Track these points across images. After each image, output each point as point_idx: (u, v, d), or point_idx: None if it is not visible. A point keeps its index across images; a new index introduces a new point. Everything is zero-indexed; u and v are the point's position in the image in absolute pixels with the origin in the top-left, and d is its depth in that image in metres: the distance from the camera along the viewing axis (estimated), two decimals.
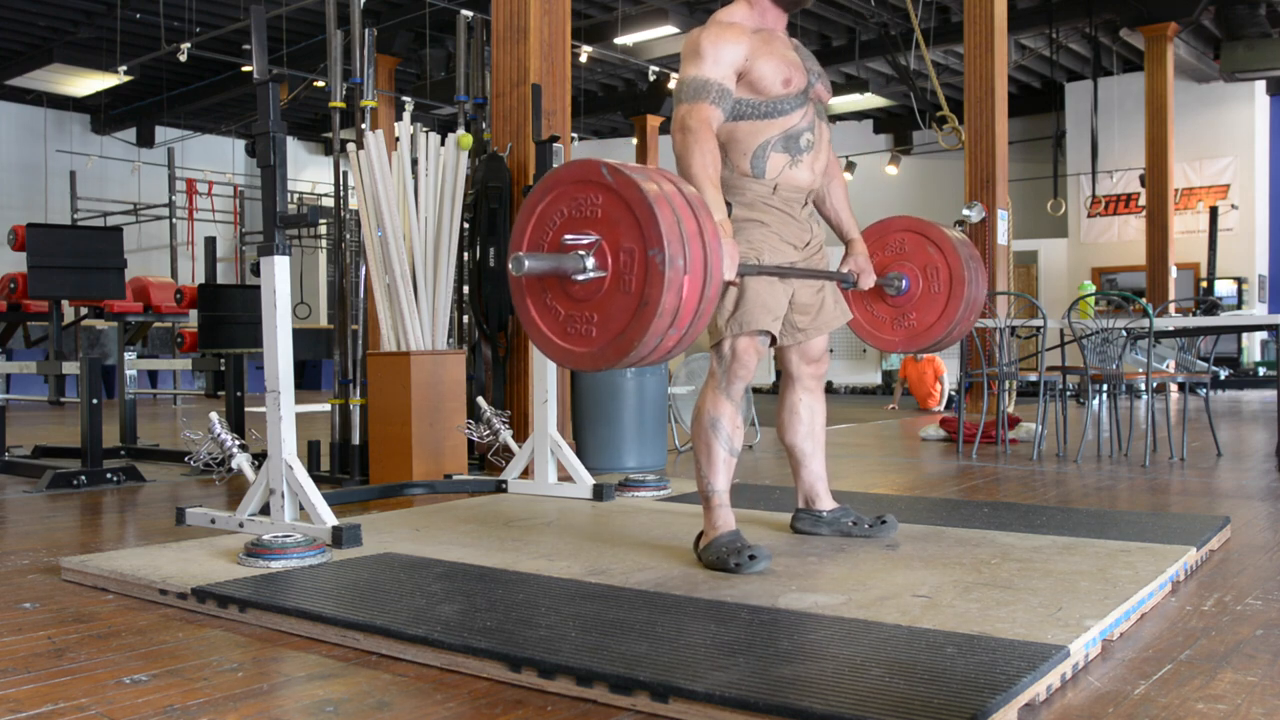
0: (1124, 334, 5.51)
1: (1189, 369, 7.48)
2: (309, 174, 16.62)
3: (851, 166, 14.52)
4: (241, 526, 2.91)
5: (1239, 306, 12.47)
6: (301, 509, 2.84)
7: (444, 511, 3.37)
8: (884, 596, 2.15)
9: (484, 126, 4.94)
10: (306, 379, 13.53)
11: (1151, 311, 4.96)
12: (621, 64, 12.95)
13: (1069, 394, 6.58)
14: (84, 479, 4.31)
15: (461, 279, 4.65)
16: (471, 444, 4.29)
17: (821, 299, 2.74)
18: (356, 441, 4.33)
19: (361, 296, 4.51)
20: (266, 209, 2.85)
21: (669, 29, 11.09)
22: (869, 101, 14.27)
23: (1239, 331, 10.40)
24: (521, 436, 4.23)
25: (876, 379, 12.73)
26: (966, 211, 8.07)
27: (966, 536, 2.81)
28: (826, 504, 2.86)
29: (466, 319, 4.76)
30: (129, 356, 5.83)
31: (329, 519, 2.77)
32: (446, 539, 2.86)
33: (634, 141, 15.35)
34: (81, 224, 13.35)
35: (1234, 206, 13.14)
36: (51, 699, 1.67)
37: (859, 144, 15.75)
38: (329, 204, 13.17)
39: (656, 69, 12.29)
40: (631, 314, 2.00)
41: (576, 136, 15.06)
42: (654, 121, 15.01)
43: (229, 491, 4.18)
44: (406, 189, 4.10)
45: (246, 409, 4.93)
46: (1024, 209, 13.58)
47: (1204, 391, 5.35)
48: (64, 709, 1.63)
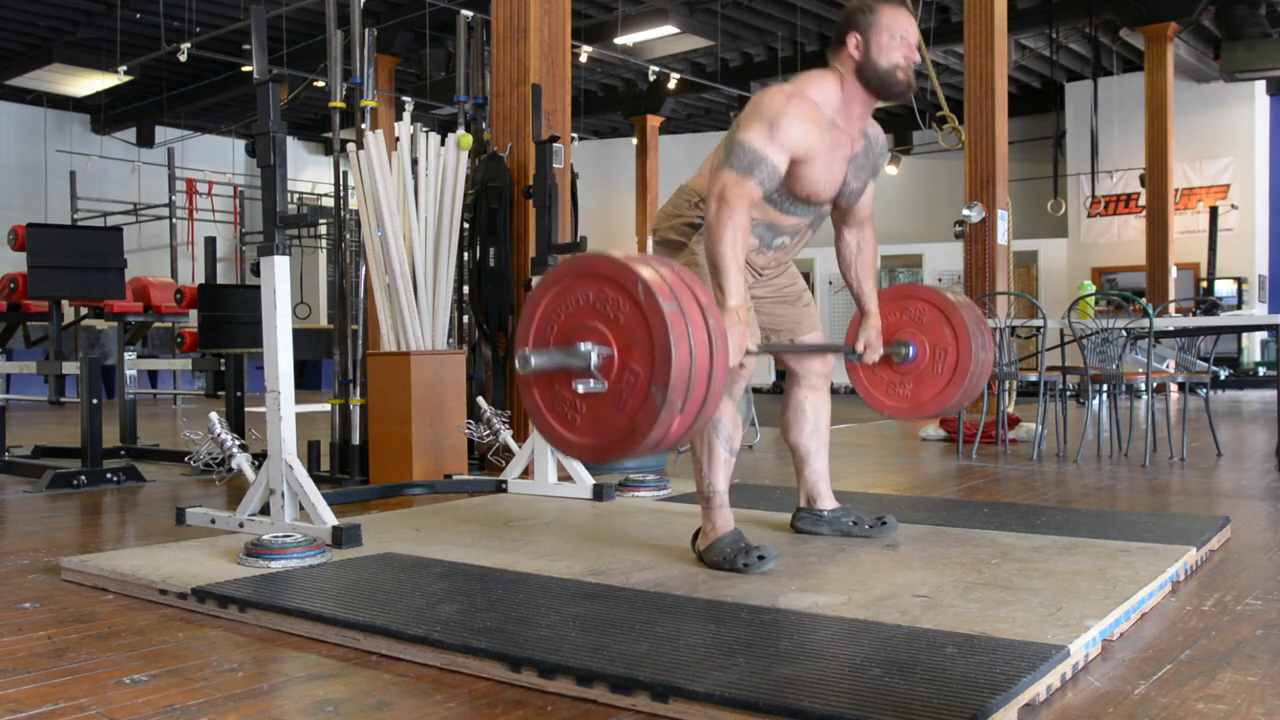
0: (1124, 334, 5.51)
1: (1189, 369, 7.48)
2: (309, 174, 16.62)
3: None
4: (241, 526, 2.91)
5: (1239, 306, 12.46)
6: (301, 509, 2.84)
7: (444, 511, 3.38)
8: (884, 596, 2.15)
9: (484, 126, 4.94)
10: (306, 379, 13.53)
11: (1151, 311, 4.96)
12: (621, 64, 12.95)
13: (1069, 394, 6.58)
14: (84, 479, 4.30)
15: (461, 279, 4.65)
16: (471, 444, 4.29)
17: (786, 307, 2.76)
18: (356, 441, 4.33)
19: (361, 296, 4.51)
20: (266, 209, 2.85)
21: (669, 29, 11.09)
22: None
23: (1239, 331, 10.40)
24: (521, 436, 4.23)
25: None
26: (966, 211, 8.07)
27: (966, 536, 2.81)
28: (828, 503, 2.86)
29: (466, 319, 4.76)
30: (129, 356, 5.83)
31: (329, 519, 2.77)
32: (446, 539, 2.86)
33: (634, 141, 15.36)
34: (81, 224, 13.34)
35: (1234, 206, 13.14)
36: (51, 699, 1.67)
37: None
38: (329, 204, 13.17)
39: (656, 69, 12.29)
40: (618, 431, 1.97)
41: (576, 136, 15.04)
42: (654, 121, 15.02)
43: (229, 491, 4.18)
44: (406, 189, 4.10)
45: (246, 409, 4.93)
46: (1024, 209, 13.58)
47: (1204, 391, 5.35)
48: (64, 709, 1.63)
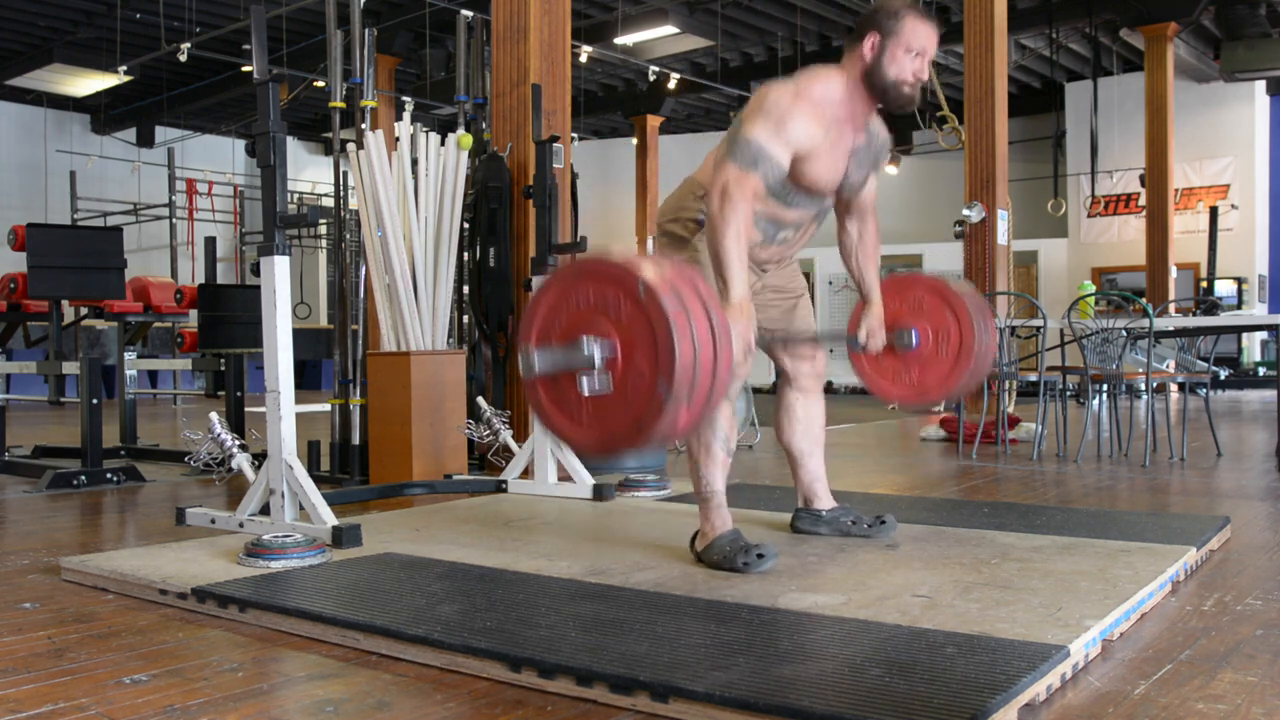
0: (1124, 334, 5.51)
1: (1189, 369, 7.48)
2: (309, 174, 16.62)
3: None
4: (241, 526, 2.91)
5: (1239, 306, 12.47)
6: (301, 509, 2.84)
7: (444, 511, 3.38)
8: (884, 596, 2.15)
9: (484, 126, 4.94)
10: (306, 379, 13.53)
11: (1151, 311, 4.96)
12: (621, 64, 12.95)
13: (1069, 394, 6.58)
14: (84, 479, 4.30)
15: (461, 279, 4.65)
16: (471, 444, 4.29)
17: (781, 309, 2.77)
18: (356, 441, 4.33)
19: (361, 296, 4.51)
20: (266, 209, 2.85)
21: (669, 29, 11.09)
22: None
23: (1239, 331, 10.40)
24: (521, 436, 4.23)
25: None
26: (966, 211, 8.07)
27: (966, 536, 2.80)
28: (826, 503, 2.86)
29: (466, 319, 4.76)
30: (129, 356, 5.83)
31: (329, 519, 2.76)
32: (446, 539, 2.86)
33: (634, 141, 15.36)
34: (81, 224, 13.34)
35: (1234, 206, 13.14)
36: (51, 699, 1.67)
37: None
38: (329, 204, 13.16)
39: (656, 69, 12.29)
40: (625, 426, 1.99)
41: (576, 136, 15.04)
42: (654, 121, 15.01)
43: (229, 491, 4.18)
44: (406, 189, 4.10)
45: (246, 409, 4.93)
46: (1024, 209, 13.58)
47: (1204, 391, 5.35)
48: (64, 709, 1.63)
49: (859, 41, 2.47)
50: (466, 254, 4.61)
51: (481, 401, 4.10)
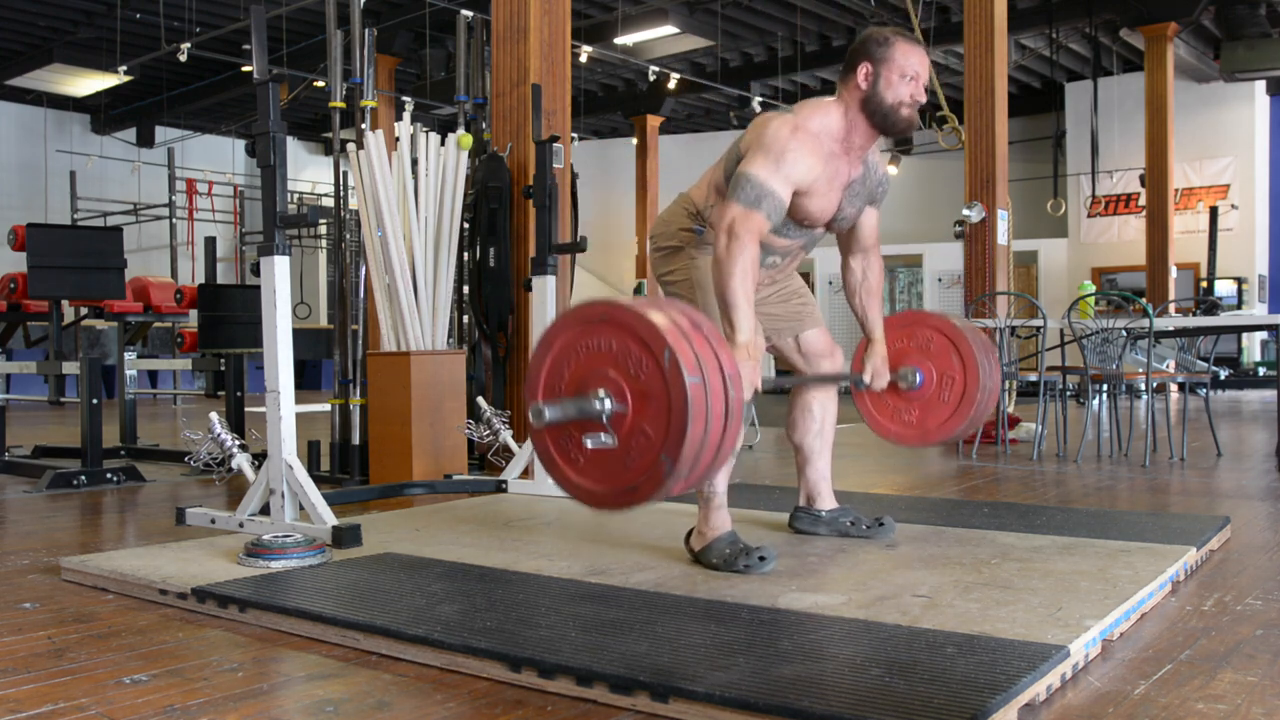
0: (1124, 334, 5.51)
1: (1189, 369, 7.48)
2: (309, 174, 16.61)
3: None
4: (241, 526, 2.91)
5: (1239, 306, 12.46)
6: (301, 509, 2.84)
7: (444, 511, 3.38)
8: (884, 596, 2.15)
9: (484, 126, 4.94)
10: (306, 379, 13.52)
11: (1151, 311, 4.96)
12: (621, 64, 12.95)
13: (1069, 394, 6.58)
14: (84, 479, 4.30)
15: (461, 279, 4.65)
16: (471, 444, 4.29)
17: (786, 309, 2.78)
18: (356, 441, 4.33)
19: (361, 296, 4.51)
20: (266, 209, 2.85)
21: (669, 29, 11.09)
22: None
23: (1239, 331, 10.40)
24: (521, 436, 4.22)
25: None
26: (966, 211, 8.06)
27: (966, 536, 2.81)
28: (827, 504, 2.86)
29: (466, 319, 4.76)
30: (129, 356, 5.83)
31: (329, 519, 2.77)
32: (446, 539, 2.86)
33: (634, 141, 15.36)
34: (81, 224, 13.34)
35: (1234, 206, 13.14)
36: (51, 699, 1.67)
37: None
38: (329, 204, 13.17)
39: (656, 69, 12.29)
40: (620, 486, 1.94)
41: (576, 136, 15.04)
42: (654, 121, 15.01)
43: (229, 491, 4.18)
44: (406, 189, 4.10)
45: (246, 409, 4.93)
46: (1024, 209, 13.58)
47: (1204, 391, 5.35)
48: (64, 709, 1.63)
49: (852, 72, 2.48)
50: (466, 254, 4.61)
51: (481, 401, 4.10)
